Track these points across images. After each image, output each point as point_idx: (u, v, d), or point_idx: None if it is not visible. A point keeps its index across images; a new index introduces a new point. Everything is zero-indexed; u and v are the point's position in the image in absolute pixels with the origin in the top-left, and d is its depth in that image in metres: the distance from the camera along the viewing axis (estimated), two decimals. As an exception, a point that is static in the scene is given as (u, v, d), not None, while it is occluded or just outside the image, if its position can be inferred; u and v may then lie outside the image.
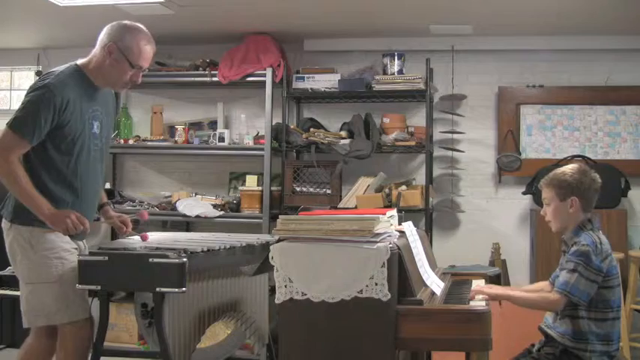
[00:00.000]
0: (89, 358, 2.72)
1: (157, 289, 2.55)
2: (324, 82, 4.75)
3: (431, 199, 4.67)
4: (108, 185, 5.22)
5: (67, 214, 2.69)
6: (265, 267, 3.05)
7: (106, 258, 2.59)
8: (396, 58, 4.70)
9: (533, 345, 2.86)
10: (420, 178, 4.82)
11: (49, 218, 2.67)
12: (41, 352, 2.82)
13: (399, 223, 2.90)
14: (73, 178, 2.77)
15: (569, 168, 2.80)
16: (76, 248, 2.82)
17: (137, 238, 2.95)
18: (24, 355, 2.83)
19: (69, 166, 2.75)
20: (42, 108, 2.63)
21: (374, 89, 4.65)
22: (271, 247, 2.51)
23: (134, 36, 2.78)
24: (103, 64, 2.78)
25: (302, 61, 5.07)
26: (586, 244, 2.63)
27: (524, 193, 4.75)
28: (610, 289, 2.66)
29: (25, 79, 5.76)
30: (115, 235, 5.28)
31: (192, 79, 4.93)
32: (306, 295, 2.45)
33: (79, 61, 2.83)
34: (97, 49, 2.81)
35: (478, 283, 3.18)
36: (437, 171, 4.99)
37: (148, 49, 2.82)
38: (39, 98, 2.64)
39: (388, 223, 2.66)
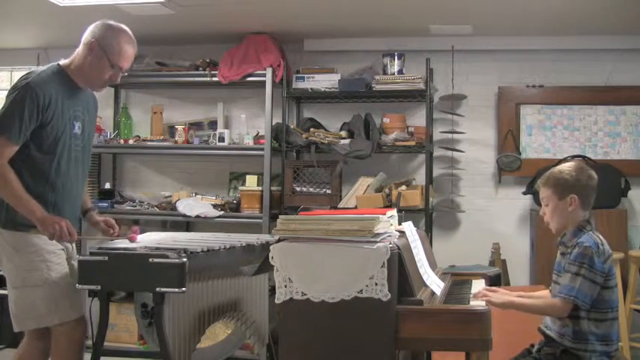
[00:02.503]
0: (90, 357, 2.72)
1: (157, 289, 2.55)
2: (324, 82, 4.75)
3: (431, 199, 4.67)
4: (108, 185, 5.22)
5: (57, 220, 2.67)
6: (265, 267, 3.05)
7: (106, 258, 2.59)
8: (396, 58, 4.70)
9: (532, 345, 2.86)
10: (420, 178, 4.82)
11: (39, 221, 2.65)
12: (35, 354, 2.81)
13: (399, 223, 2.90)
14: (55, 178, 2.75)
15: (565, 166, 2.78)
16: (62, 249, 2.81)
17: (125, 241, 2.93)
18: (18, 358, 2.82)
19: (51, 166, 2.74)
20: (26, 107, 2.61)
21: (374, 89, 4.65)
22: (271, 247, 2.51)
23: (116, 36, 2.79)
24: (84, 62, 2.78)
25: (302, 61, 5.07)
26: (589, 246, 2.61)
27: (524, 193, 4.75)
28: (609, 289, 2.65)
29: (25, 79, 5.75)
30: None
31: (192, 79, 4.93)
32: (306, 295, 2.45)
33: (62, 62, 2.82)
34: (79, 48, 2.80)
35: (478, 284, 3.18)
36: (437, 171, 4.99)
37: (129, 50, 2.82)
38: (22, 97, 2.62)
39: (388, 223, 2.66)
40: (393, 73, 4.67)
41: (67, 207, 2.82)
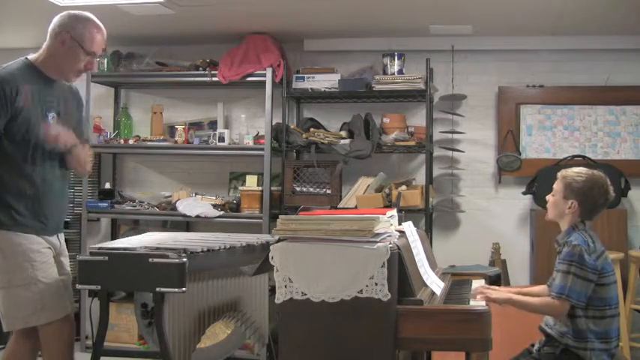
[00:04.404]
0: (89, 358, 2.72)
1: (157, 289, 2.55)
2: (324, 82, 4.75)
3: (431, 199, 4.67)
4: (108, 185, 5.22)
5: None
6: (265, 267, 3.05)
7: (106, 258, 2.59)
8: (396, 58, 4.70)
9: (533, 345, 2.86)
10: (420, 178, 4.82)
11: None
12: (23, 353, 2.81)
13: (399, 223, 2.90)
14: (31, 170, 2.73)
15: (587, 172, 2.77)
16: (49, 247, 2.80)
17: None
18: (7, 357, 2.82)
19: (26, 159, 2.72)
20: None
21: (374, 89, 4.65)
22: (271, 247, 2.51)
23: (85, 24, 2.80)
24: (56, 54, 2.79)
25: (302, 61, 5.07)
26: (577, 244, 2.64)
27: (524, 193, 4.75)
28: (606, 286, 2.66)
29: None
30: (115, 234, 5.29)
31: (192, 79, 4.93)
32: (306, 295, 2.45)
33: (30, 56, 2.83)
34: (47, 41, 2.81)
35: (478, 284, 3.19)
36: (437, 171, 4.99)
37: (100, 37, 2.84)
38: None
39: (388, 223, 2.66)
40: (393, 73, 4.67)
41: (48, 200, 2.79)
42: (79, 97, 3.05)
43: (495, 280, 3.63)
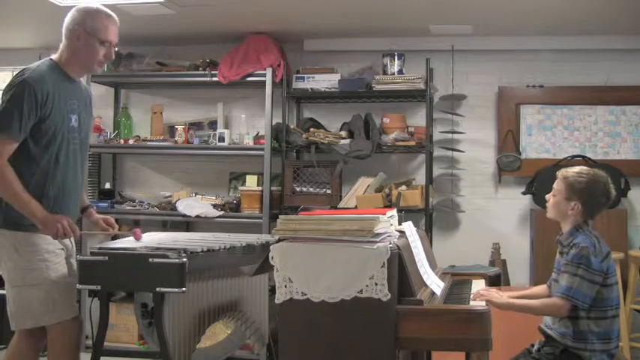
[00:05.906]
0: (89, 358, 2.72)
1: (157, 289, 2.55)
2: (324, 82, 4.75)
3: (431, 199, 4.67)
4: (108, 185, 5.22)
5: (59, 219, 2.68)
6: (265, 267, 3.05)
7: (106, 258, 2.59)
8: (396, 58, 4.70)
9: (533, 345, 2.86)
10: (420, 178, 4.82)
11: (41, 222, 2.66)
12: (26, 352, 2.81)
13: (399, 223, 2.90)
14: (54, 172, 2.75)
15: (588, 172, 2.75)
16: (62, 249, 2.81)
17: (130, 238, 2.93)
18: (10, 356, 2.82)
19: (50, 161, 2.73)
20: (25, 103, 2.61)
21: (374, 89, 4.65)
22: (271, 247, 2.51)
23: (95, 15, 2.82)
24: (75, 50, 2.80)
25: (302, 61, 5.07)
26: (585, 246, 2.63)
27: (524, 193, 4.75)
28: (609, 287, 2.66)
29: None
30: (114, 235, 5.28)
31: (192, 79, 4.93)
32: (306, 295, 2.45)
33: (53, 56, 2.84)
34: (64, 41, 2.82)
35: (478, 284, 3.19)
36: (437, 171, 4.99)
37: (112, 25, 2.85)
38: (20, 94, 2.62)
39: (388, 223, 2.66)
40: (393, 73, 4.67)
41: (68, 201, 2.82)
42: (91, 97, 3.06)
43: (495, 281, 3.63)
